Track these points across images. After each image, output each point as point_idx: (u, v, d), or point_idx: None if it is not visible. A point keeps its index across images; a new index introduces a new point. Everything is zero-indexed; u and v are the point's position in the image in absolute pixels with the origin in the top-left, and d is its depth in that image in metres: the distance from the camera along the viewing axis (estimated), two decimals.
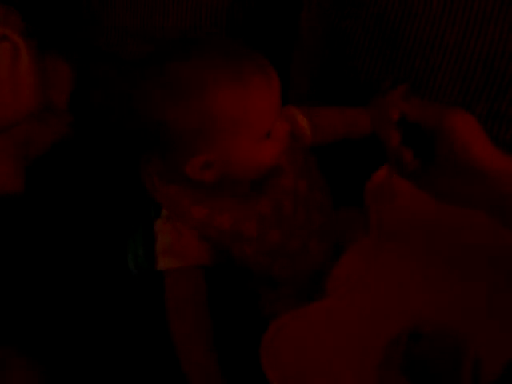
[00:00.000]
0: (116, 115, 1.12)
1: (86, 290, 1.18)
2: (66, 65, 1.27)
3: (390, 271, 0.99)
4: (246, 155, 0.91)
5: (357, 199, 1.05)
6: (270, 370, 0.90)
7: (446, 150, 0.86)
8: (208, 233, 0.96)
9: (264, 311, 1.02)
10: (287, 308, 0.97)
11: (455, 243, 0.98)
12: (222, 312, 0.99)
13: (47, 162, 1.21)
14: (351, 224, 1.07)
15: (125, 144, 1.03)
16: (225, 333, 0.98)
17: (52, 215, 1.20)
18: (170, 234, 0.97)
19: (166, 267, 0.97)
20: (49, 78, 1.26)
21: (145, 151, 0.97)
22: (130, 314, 1.14)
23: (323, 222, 1.02)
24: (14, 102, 1.21)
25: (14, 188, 1.17)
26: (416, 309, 0.94)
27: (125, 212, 1.17)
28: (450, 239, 0.99)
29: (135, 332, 1.13)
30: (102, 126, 1.26)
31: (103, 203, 1.23)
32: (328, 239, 1.04)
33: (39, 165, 1.20)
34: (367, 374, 0.90)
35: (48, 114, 1.24)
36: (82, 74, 1.28)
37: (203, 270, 0.97)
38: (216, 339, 0.96)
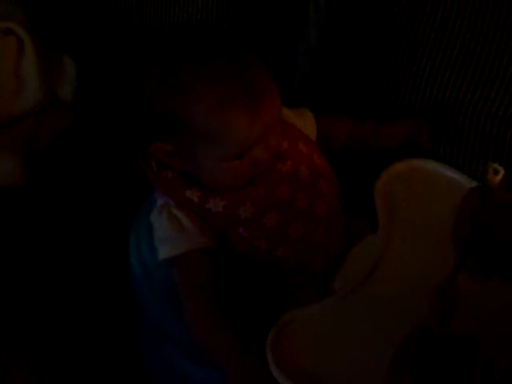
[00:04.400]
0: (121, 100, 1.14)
1: (87, 288, 1.17)
2: (71, 60, 1.27)
3: (399, 269, 0.98)
4: (206, 167, 0.95)
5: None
6: (275, 364, 0.89)
7: None
8: (203, 216, 0.96)
9: (279, 299, 1.01)
10: (301, 298, 0.97)
11: None
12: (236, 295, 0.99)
13: (51, 156, 1.21)
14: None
15: (127, 137, 1.03)
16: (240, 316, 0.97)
17: (55, 209, 1.20)
18: (166, 221, 0.97)
19: (166, 255, 0.97)
20: (54, 72, 1.25)
21: (145, 139, 0.99)
22: (129, 312, 1.13)
23: (329, 211, 1.01)
24: (19, 96, 1.20)
25: (18, 181, 1.17)
26: (425, 308, 0.94)
27: (128, 207, 1.16)
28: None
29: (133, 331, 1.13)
30: (105, 121, 1.26)
31: (106, 198, 1.23)
32: (336, 230, 1.03)
33: (43, 159, 1.20)
34: (375, 374, 0.90)
35: (53, 108, 1.23)
36: (86, 69, 1.28)
37: (207, 253, 0.96)
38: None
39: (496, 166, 0.94)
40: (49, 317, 1.13)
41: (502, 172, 0.93)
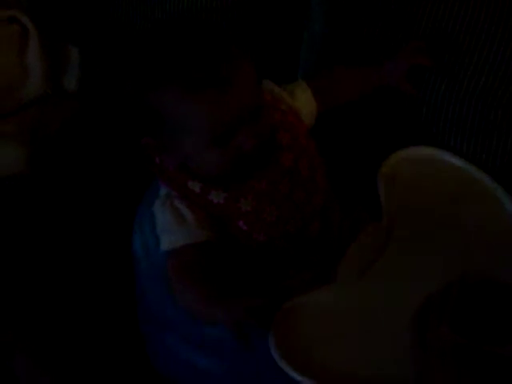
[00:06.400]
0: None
1: (91, 277, 1.17)
2: (75, 49, 1.27)
3: (402, 257, 0.98)
4: (191, 157, 0.95)
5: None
6: (278, 349, 0.88)
7: None
8: (205, 207, 0.96)
9: (279, 286, 1.01)
10: (301, 285, 0.98)
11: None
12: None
13: (55, 145, 1.21)
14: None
15: (130, 126, 1.04)
16: None
17: (58, 197, 1.21)
18: (169, 212, 0.97)
19: (168, 246, 0.96)
20: (58, 62, 1.25)
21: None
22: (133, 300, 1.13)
23: (324, 205, 1.02)
24: (22, 85, 1.21)
25: (22, 170, 1.17)
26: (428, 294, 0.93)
27: (131, 197, 1.16)
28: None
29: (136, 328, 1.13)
30: (109, 110, 1.26)
31: (109, 187, 1.23)
32: (329, 222, 1.03)
33: (47, 147, 1.20)
34: (375, 362, 0.89)
35: (57, 97, 1.24)
36: (90, 58, 1.28)
37: (206, 246, 0.96)
38: None
39: None
40: (52, 306, 1.14)
41: None
